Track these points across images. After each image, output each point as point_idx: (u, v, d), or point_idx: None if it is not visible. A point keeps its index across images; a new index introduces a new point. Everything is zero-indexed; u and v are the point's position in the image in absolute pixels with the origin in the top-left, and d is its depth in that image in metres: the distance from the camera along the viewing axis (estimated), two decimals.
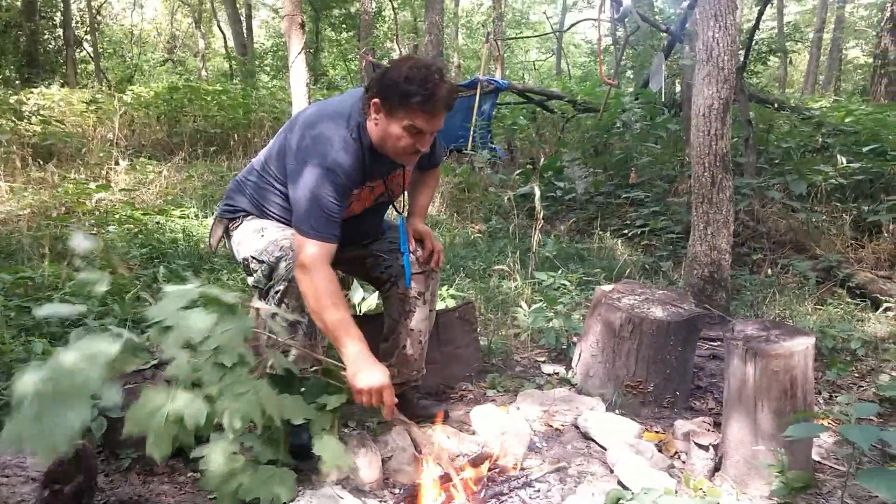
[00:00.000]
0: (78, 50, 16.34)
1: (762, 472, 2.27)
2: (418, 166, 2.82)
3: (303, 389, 2.16)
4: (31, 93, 9.12)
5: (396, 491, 2.27)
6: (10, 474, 1.70)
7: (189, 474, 2.30)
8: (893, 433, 1.70)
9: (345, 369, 2.20)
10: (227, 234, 2.74)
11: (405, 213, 2.80)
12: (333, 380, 2.21)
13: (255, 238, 2.54)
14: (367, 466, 2.27)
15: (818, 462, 2.59)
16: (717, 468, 2.43)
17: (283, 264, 2.40)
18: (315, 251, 2.27)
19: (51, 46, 14.94)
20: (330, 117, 2.42)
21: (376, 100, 2.30)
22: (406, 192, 2.86)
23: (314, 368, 2.30)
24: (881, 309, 4.32)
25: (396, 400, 2.25)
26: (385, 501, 2.19)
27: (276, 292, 2.37)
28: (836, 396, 3.22)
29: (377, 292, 2.96)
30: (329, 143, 2.34)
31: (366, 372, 2.18)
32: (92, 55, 17.27)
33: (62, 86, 11.33)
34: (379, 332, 2.86)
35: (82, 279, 1.78)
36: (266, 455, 1.95)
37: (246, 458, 1.86)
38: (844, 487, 2.29)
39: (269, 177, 2.56)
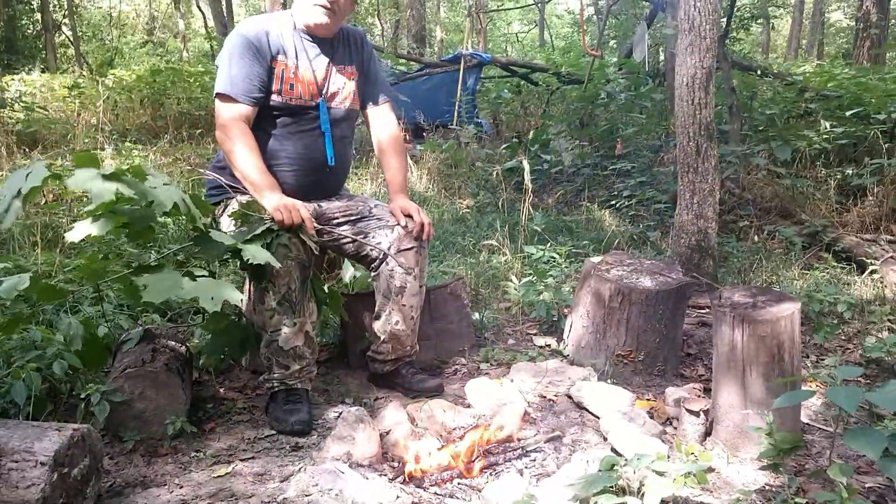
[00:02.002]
0: (57, 34, 16.13)
1: (752, 436, 2.32)
2: (363, 99, 2.98)
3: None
4: (12, 79, 9.03)
5: (395, 465, 2.32)
6: (20, 459, 1.73)
7: (192, 454, 2.34)
8: (878, 394, 1.75)
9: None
10: (215, 221, 2.80)
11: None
12: (253, 210, 2.53)
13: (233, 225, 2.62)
14: (366, 441, 2.31)
15: (807, 424, 2.65)
16: (708, 433, 2.48)
17: None
18: (228, 111, 2.62)
19: (29, 31, 14.77)
20: None
21: None
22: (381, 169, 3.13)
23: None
24: (867, 272, 4.38)
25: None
26: (385, 475, 2.23)
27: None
28: (823, 359, 3.28)
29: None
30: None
31: (278, 199, 2.50)
32: (71, 39, 17.06)
33: (43, 71, 11.22)
34: (371, 309, 2.89)
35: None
36: None
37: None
38: (832, 447, 2.35)
39: None
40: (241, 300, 2.33)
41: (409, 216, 2.77)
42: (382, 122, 3.01)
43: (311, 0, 2.67)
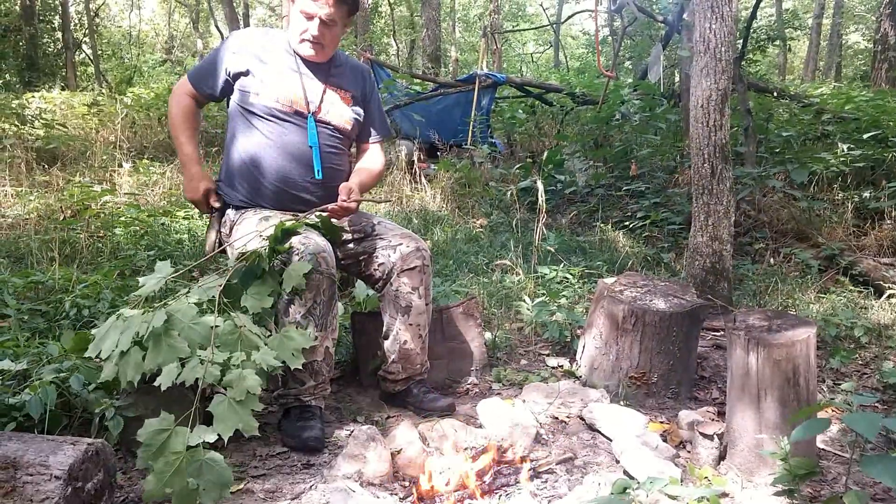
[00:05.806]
0: (77, 52, 16.36)
1: (767, 461, 2.30)
2: (359, 134, 3.05)
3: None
4: (33, 96, 9.16)
5: (406, 484, 2.31)
6: (35, 472, 1.74)
7: None
8: (895, 420, 1.73)
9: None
10: (220, 239, 2.85)
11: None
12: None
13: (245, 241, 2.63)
14: (377, 460, 2.30)
15: (822, 449, 2.62)
16: (722, 457, 2.46)
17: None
18: (180, 83, 2.97)
19: (50, 50, 14.99)
20: None
21: None
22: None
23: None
24: (884, 296, 4.34)
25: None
26: (395, 494, 2.22)
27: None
28: (839, 384, 3.24)
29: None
30: None
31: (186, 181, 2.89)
32: (91, 57, 17.30)
33: (63, 89, 11.37)
34: (381, 329, 2.89)
35: None
36: None
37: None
38: (848, 474, 2.32)
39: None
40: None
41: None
42: (370, 155, 3.08)
43: (297, 34, 2.77)
